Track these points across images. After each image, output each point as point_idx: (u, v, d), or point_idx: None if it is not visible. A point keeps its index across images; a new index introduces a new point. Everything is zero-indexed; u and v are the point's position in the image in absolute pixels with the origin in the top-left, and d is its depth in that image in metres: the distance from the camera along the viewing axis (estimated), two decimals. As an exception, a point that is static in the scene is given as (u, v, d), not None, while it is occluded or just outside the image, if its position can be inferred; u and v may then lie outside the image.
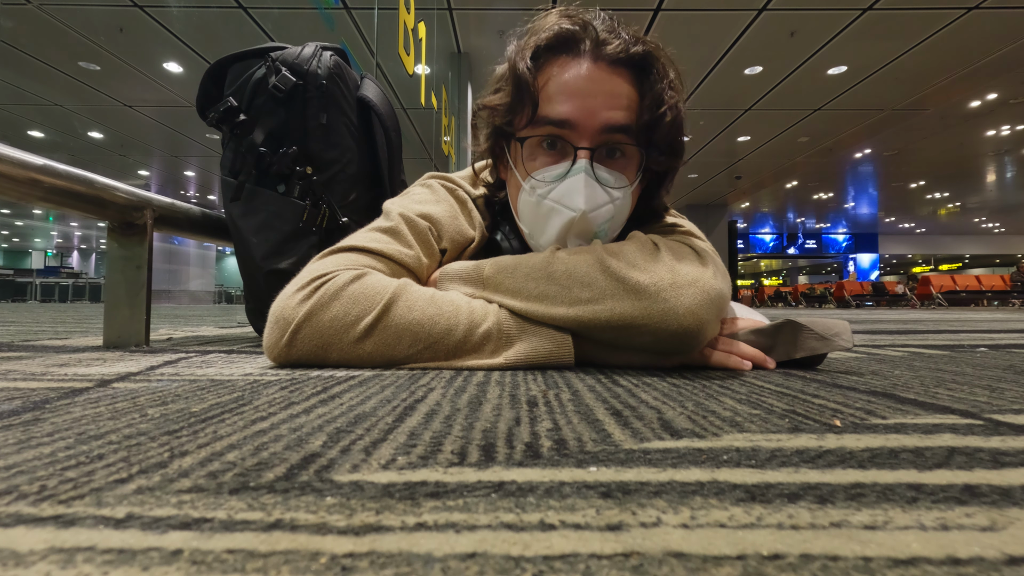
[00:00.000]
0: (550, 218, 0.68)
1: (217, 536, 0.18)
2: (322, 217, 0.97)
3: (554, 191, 0.67)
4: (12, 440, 0.31)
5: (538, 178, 0.68)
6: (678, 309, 0.58)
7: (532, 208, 0.70)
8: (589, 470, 0.26)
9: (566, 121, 0.66)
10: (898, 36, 4.73)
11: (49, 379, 0.54)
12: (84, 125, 7.23)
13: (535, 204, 0.69)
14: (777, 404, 0.41)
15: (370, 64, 4.93)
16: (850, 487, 0.23)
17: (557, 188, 0.67)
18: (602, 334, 0.62)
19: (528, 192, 0.69)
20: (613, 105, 0.66)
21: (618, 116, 0.66)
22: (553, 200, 0.67)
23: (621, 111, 0.66)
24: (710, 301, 0.59)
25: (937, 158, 8.75)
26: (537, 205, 0.69)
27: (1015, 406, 0.41)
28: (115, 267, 0.92)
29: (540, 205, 0.68)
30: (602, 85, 0.66)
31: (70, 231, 19.28)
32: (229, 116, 0.96)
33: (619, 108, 0.66)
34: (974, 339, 1.23)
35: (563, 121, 0.66)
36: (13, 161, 0.73)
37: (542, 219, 0.69)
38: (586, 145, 0.66)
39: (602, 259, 0.62)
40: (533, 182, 0.69)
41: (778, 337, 0.66)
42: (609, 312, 0.59)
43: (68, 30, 4.70)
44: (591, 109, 0.65)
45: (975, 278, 12.10)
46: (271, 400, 0.42)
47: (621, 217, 0.71)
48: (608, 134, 0.66)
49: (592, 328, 0.61)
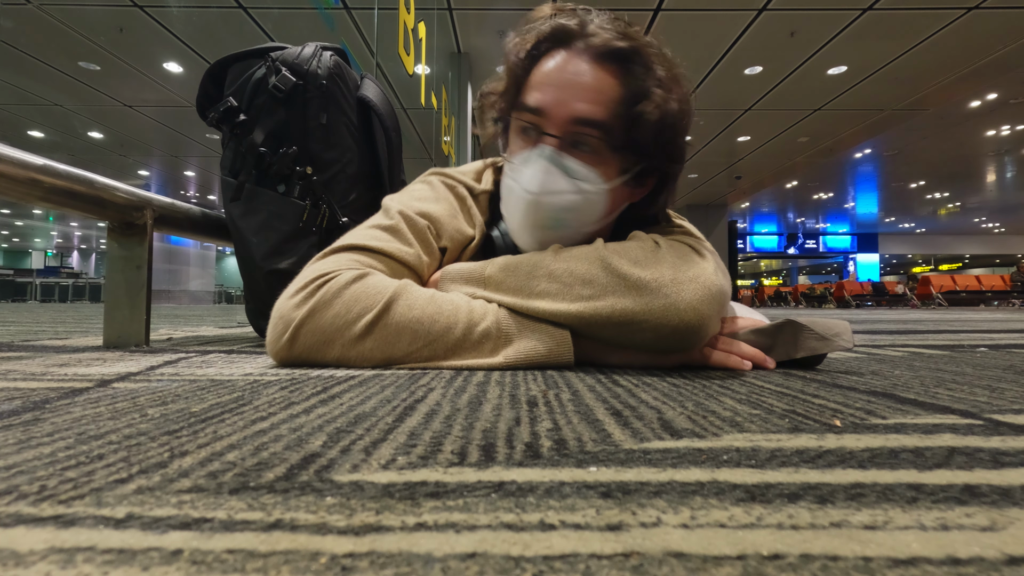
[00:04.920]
0: (514, 202, 0.70)
1: (217, 536, 0.18)
2: (322, 217, 0.97)
3: (519, 174, 0.69)
4: (12, 440, 0.31)
5: (513, 162, 0.70)
6: (679, 304, 0.58)
7: (507, 192, 0.72)
8: (589, 470, 0.26)
9: (538, 109, 0.67)
10: (898, 36, 4.73)
11: (49, 379, 0.54)
12: (84, 125, 7.23)
13: (508, 188, 0.71)
14: (777, 404, 0.41)
15: (370, 64, 4.93)
16: (850, 487, 0.23)
17: (522, 171, 0.68)
18: (603, 331, 0.62)
19: (506, 175, 0.72)
20: (586, 98, 0.66)
21: (588, 109, 0.65)
22: (515, 182, 0.69)
23: (594, 105, 0.66)
24: (711, 297, 0.59)
25: (937, 158, 8.75)
26: (509, 189, 0.71)
27: (1015, 406, 0.41)
28: (115, 267, 0.92)
29: (511, 189, 0.70)
30: (580, 77, 0.66)
31: (70, 231, 19.28)
32: (229, 116, 0.96)
33: (592, 102, 0.66)
34: (974, 339, 1.23)
35: (536, 109, 0.67)
36: (13, 161, 0.73)
37: (512, 203, 0.71)
38: (553, 133, 0.67)
39: (603, 256, 0.62)
40: (509, 166, 0.71)
41: (778, 337, 0.66)
42: (610, 308, 0.60)
43: (68, 30, 4.70)
44: (562, 100, 0.66)
45: (975, 278, 12.10)
46: (271, 400, 0.42)
47: (591, 212, 0.70)
48: (579, 126, 0.66)
49: (593, 324, 0.61)
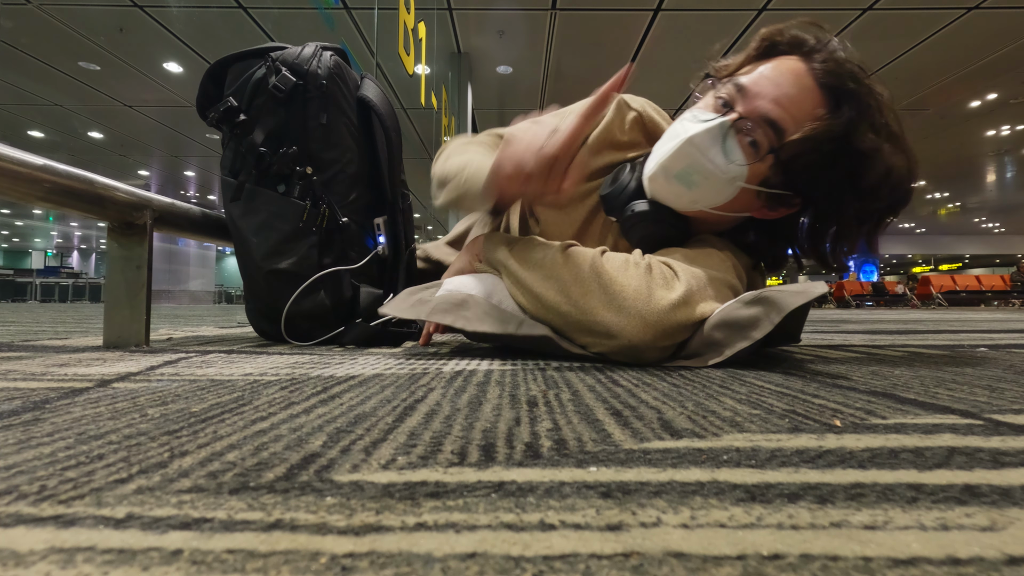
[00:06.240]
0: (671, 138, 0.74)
1: (217, 536, 0.18)
2: (322, 217, 0.97)
3: (691, 124, 0.72)
4: (12, 440, 0.31)
5: (693, 112, 0.74)
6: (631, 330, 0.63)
7: (671, 130, 0.76)
8: (589, 470, 0.26)
9: (744, 88, 0.70)
10: (898, 36, 4.73)
11: (49, 379, 0.54)
12: (84, 125, 7.23)
13: (673, 128, 0.75)
14: (777, 404, 0.41)
15: (370, 64, 4.93)
16: (850, 487, 0.23)
17: (694, 125, 0.72)
18: (547, 315, 0.69)
19: (682, 117, 0.75)
20: (786, 106, 0.68)
21: (781, 115, 0.68)
22: (683, 125, 0.73)
23: (788, 115, 0.67)
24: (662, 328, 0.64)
25: (937, 158, 8.74)
26: (674, 129, 0.75)
27: (1015, 406, 0.41)
28: (115, 267, 0.92)
29: (675, 130, 0.74)
30: (793, 86, 0.68)
31: (70, 231, 19.28)
32: (229, 116, 0.96)
33: (789, 112, 0.68)
34: (974, 339, 1.23)
35: (742, 87, 0.70)
36: (13, 161, 0.73)
37: (668, 139, 0.75)
38: (741, 113, 0.69)
39: (594, 262, 0.67)
40: (690, 112, 0.75)
41: (762, 306, 0.63)
42: (557, 303, 0.67)
43: (68, 30, 4.71)
44: (767, 94, 0.68)
45: (975, 278, 12.10)
46: (271, 400, 0.42)
47: (717, 193, 0.73)
48: (763, 124, 0.68)
49: (541, 304, 0.69)
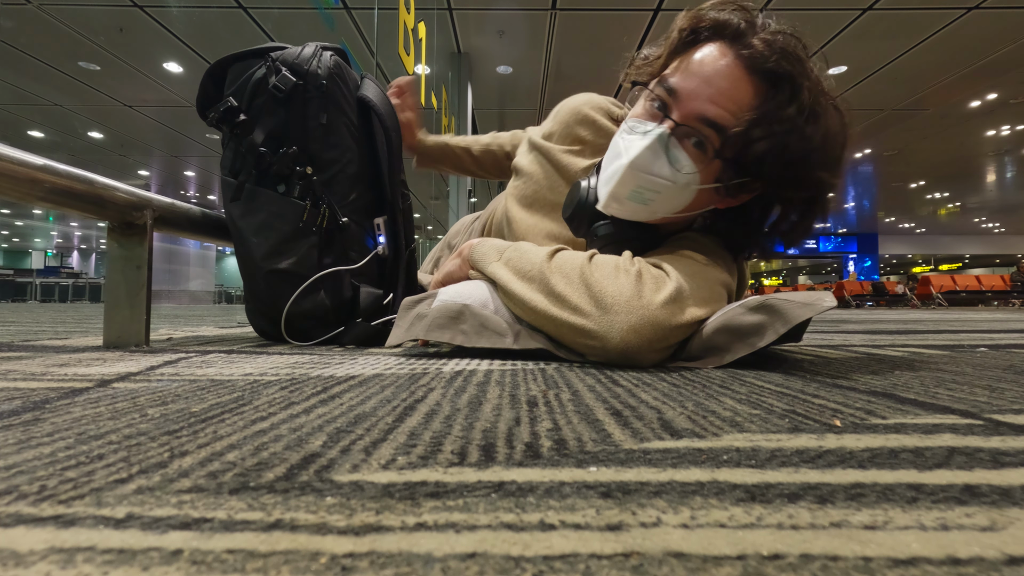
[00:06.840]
0: (613, 162, 0.73)
1: (217, 536, 0.18)
2: (322, 217, 0.97)
3: (629, 142, 0.72)
4: (12, 440, 0.31)
5: (630, 123, 0.73)
6: (611, 336, 0.63)
7: (613, 149, 0.75)
8: (589, 470, 0.26)
9: (673, 91, 0.70)
10: (898, 36, 4.73)
11: (49, 379, 0.54)
12: (84, 125, 7.23)
13: (615, 146, 0.75)
14: (777, 404, 0.41)
15: (370, 64, 4.93)
16: (850, 487, 0.23)
17: (633, 140, 0.71)
18: (531, 315, 0.70)
19: (620, 132, 0.75)
20: (720, 102, 0.67)
21: (717, 113, 0.67)
22: (623, 145, 0.73)
23: (724, 111, 0.67)
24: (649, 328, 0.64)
25: (937, 158, 8.75)
26: (616, 149, 0.74)
27: (1015, 406, 0.41)
28: (115, 267, 0.92)
29: (617, 149, 0.74)
30: (723, 79, 0.67)
31: (70, 231, 19.28)
32: (229, 116, 0.96)
33: (724, 107, 0.67)
34: (974, 339, 1.23)
35: (671, 90, 0.70)
36: (13, 160, 0.73)
37: (611, 162, 0.74)
38: (676, 120, 0.69)
39: (583, 268, 0.68)
40: (627, 124, 0.74)
41: (767, 313, 0.63)
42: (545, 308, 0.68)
43: (68, 30, 4.71)
44: (697, 93, 0.68)
45: (975, 278, 12.09)
46: (271, 400, 0.42)
47: (675, 202, 0.72)
48: (701, 124, 0.68)
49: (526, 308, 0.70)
